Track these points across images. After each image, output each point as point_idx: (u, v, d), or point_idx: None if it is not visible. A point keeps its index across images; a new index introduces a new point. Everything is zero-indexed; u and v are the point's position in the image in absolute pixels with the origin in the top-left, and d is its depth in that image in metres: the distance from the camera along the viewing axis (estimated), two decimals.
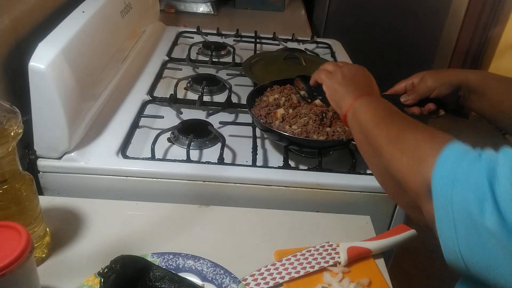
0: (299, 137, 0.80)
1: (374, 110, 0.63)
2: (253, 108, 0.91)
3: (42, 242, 0.64)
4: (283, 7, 1.87)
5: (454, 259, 0.44)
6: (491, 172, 0.41)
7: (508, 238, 0.38)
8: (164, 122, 0.94)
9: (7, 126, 0.53)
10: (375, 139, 0.58)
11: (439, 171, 0.45)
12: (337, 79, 0.73)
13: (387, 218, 0.84)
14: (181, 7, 1.77)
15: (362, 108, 0.65)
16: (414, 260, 1.94)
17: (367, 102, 0.65)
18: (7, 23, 0.80)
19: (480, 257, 0.41)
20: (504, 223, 0.38)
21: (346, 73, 0.73)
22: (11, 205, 0.57)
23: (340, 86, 0.71)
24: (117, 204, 0.77)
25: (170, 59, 1.23)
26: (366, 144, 0.62)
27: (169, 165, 0.81)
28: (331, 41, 1.45)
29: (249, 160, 0.85)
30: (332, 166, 0.84)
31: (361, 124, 0.63)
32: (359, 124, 0.63)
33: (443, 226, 0.44)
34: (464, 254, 0.43)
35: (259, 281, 0.62)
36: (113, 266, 0.56)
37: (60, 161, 0.80)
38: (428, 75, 0.77)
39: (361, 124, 0.63)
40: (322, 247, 0.68)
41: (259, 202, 0.80)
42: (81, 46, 0.82)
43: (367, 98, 0.66)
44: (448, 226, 0.44)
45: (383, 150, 0.56)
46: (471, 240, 0.42)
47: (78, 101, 0.80)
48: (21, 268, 0.49)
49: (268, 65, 1.20)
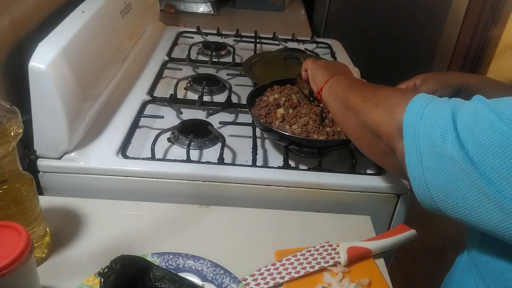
0: (299, 137, 0.80)
1: (349, 81, 0.72)
2: (253, 108, 0.91)
3: (42, 242, 0.64)
4: (283, 7, 1.87)
5: (421, 191, 0.49)
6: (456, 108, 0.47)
7: (464, 161, 0.43)
8: (164, 122, 0.94)
9: (7, 126, 0.53)
10: (351, 100, 0.64)
11: (409, 110, 0.51)
12: (319, 64, 0.83)
13: (387, 218, 0.84)
14: (181, 7, 1.77)
15: (338, 81, 0.73)
16: (414, 260, 1.94)
17: (342, 77, 0.74)
18: (7, 23, 0.80)
19: (442, 182, 0.46)
20: (462, 148, 0.44)
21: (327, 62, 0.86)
22: (11, 205, 0.57)
23: (321, 68, 0.81)
24: (117, 204, 0.77)
25: (170, 59, 1.23)
26: (343, 108, 0.67)
27: (169, 165, 0.81)
28: (331, 41, 1.45)
29: (249, 160, 0.85)
30: (332, 166, 0.84)
31: (336, 93, 0.70)
32: (334, 93, 0.71)
33: (411, 159, 0.49)
34: (429, 182, 0.48)
35: (259, 281, 0.62)
36: (113, 266, 0.56)
37: (60, 161, 0.80)
38: (430, 77, 0.79)
39: (336, 93, 0.71)
40: (322, 247, 0.68)
41: (259, 202, 0.80)
42: (81, 46, 0.82)
43: (342, 76, 0.76)
44: (415, 158, 0.49)
45: (359, 107, 0.62)
46: (434, 167, 0.47)
47: (78, 101, 0.80)
48: (21, 268, 0.49)
49: (268, 65, 1.20)
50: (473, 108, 0.46)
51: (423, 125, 0.48)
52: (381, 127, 0.56)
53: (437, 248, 2.01)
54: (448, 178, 0.46)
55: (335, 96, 0.71)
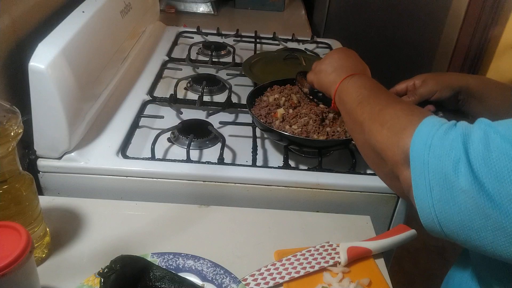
0: (299, 137, 0.80)
1: (358, 89, 0.66)
2: (253, 108, 0.91)
3: (42, 242, 0.64)
4: (283, 7, 1.87)
5: (430, 223, 0.47)
6: (466, 137, 0.44)
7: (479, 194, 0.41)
8: (164, 122, 0.94)
9: (7, 126, 0.53)
10: (358, 117, 0.62)
11: (416, 139, 0.48)
12: (322, 70, 0.77)
13: (387, 218, 0.84)
14: (181, 7, 1.77)
15: (347, 89, 0.69)
16: (414, 260, 1.94)
17: (352, 82, 0.69)
18: (7, 23, 0.80)
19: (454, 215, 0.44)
20: (476, 180, 0.41)
21: (330, 60, 0.77)
22: (11, 205, 0.57)
23: (326, 74, 0.75)
24: (117, 204, 0.77)
25: (170, 59, 1.23)
26: (351, 122, 0.65)
27: (169, 165, 0.81)
28: (331, 41, 1.45)
29: (249, 160, 0.85)
30: (332, 166, 0.84)
31: (346, 105, 0.67)
32: (344, 104, 0.68)
33: (419, 191, 0.47)
34: (439, 215, 0.45)
35: (259, 281, 0.62)
36: (113, 266, 0.56)
37: (60, 161, 0.80)
38: (430, 78, 0.78)
39: (345, 104, 0.67)
40: (322, 247, 0.68)
41: (259, 202, 0.80)
42: (81, 46, 0.82)
43: (350, 79, 0.69)
44: (424, 190, 0.46)
45: (365, 125, 0.59)
46: (446, 200, 0.44)
47: (78, 101, 0.80)
48: (21, 268, 0.49)
49: (268, 65, 1.20)
50: (483, 135, 0.43)
51: (432, 156, 0.45)
52: (386, 151, 0.54)
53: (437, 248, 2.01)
54: (461, 211, 0.43)
55: (344, 107, 0.68)
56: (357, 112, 0.62)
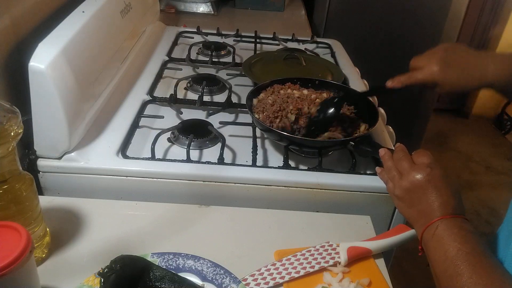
0: (299, 137, 0.80)
1: (443, 248, 0.56)
2: (253, 108, 0.90)
3: (42, 242, 0.64)
4: (283, 7, 1.87)
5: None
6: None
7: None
8: (164, 122, 0.94)
9: (7, 126, 0.53)
10: (438, 282, 0.56)
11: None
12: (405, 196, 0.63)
13: (387, 218, 0.84)
14: (181, 7, 1.77)
15: (431, 241, 0.58)
16: (414, 260, 1.94)
17: (439, 235, 0.57)
18: (7, 23, 0.80)
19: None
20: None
21: (411, 186, 0.61)
22: (11, 205, 0.57)
23: (409, 206, 0.62)
24: (117, 204, 0.77)
25: (170, 59, 1.23)
26: (434, 276, 0.58)
27: (169, 165, 0.81)
28: (331, 41, 1.45)
29: (249, 160, 0.85)
30: (332, 166, 0.84)
31: (430, 259, 0.59)
32: (428, 256, 0.59)
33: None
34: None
35: (259, 281, 0.62)
36: (113, 266, 0.56)
37: (60, 161, 0.80)
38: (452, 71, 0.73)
39: (429, 258, 0.59)
40: (322, 247, 0.68)
41: (259, 202, 0.80)
42: (81, 46, 0.82)
43: (438, 228, 0.58)
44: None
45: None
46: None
47: (78, 101, 0.80)
48: (21, 268, 0.49)
49: (268, 65, 1.20)
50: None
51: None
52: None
53: None
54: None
55: (429, 259, 0.59)
56: (441, 283, 0.55)
